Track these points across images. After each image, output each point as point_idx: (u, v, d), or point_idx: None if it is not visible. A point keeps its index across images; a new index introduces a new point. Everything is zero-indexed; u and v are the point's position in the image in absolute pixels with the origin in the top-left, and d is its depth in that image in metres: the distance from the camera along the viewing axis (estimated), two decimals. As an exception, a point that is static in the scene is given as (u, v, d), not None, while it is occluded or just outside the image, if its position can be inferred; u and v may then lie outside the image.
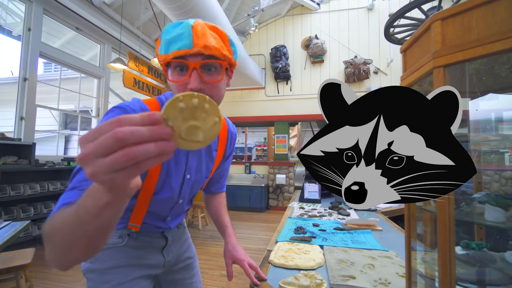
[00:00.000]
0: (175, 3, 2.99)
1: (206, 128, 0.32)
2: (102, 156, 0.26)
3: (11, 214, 3.12)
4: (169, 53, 0.56)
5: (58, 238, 0.38)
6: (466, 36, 0.45)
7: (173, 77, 0.58)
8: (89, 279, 0.72)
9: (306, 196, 2.21)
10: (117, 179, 0.27)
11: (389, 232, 1.35)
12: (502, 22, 0.41)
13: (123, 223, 0.74)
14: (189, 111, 0.31)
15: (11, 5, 4.59)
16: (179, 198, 0.77)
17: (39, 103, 3.86)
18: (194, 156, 0.75)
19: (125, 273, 0.73)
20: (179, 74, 0.58)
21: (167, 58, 0.56)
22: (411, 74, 0.58)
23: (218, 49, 0.57)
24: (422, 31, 0.53)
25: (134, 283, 0.74)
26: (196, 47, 0.55)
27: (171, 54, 0.56)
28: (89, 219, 0.34)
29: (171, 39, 0.56)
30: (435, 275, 0.53)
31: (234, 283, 2.45)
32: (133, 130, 0.27)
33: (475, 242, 0.61)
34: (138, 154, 0.27)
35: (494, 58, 0.49)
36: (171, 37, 0.56)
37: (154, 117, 0.28)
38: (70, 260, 0.39)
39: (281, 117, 6.09)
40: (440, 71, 0.48)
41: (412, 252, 0.61)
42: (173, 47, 0.56)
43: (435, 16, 0.49)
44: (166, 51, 0.57)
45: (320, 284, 0.73)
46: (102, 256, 0.72)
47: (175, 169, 0.71)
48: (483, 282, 0.50)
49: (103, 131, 0.27)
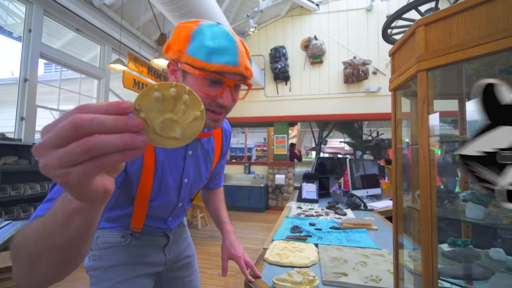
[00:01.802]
0: (175, 4, 3.02)
1: (184, 123, 0.28)
2: (57, 147, 0.23)
3: (11, 214, 3.15)
4: (212, 63, 0.52)
5: (24, 251, 0.33)
6: (447, 41, 0.47)
7: (204, 88, 0.55)
8: (92, 276, 0.75)
9: (304, 196, 2.23)
10: (71, 175, 0.23)
11: (384, 231, 1.37)
12: (480, 28, 0.43)
13: (125, 226, 0.76)
14: (166, 103, 0.26)
15: (12, 6, 4.61)
16: (179, 202, 0.77)
17: (40, 104, 3.88)
18: (192, 159, 0.74)
19: (128, 271, 0.75)
20: (210, 86, 0.55)
21: (208, 68, 0.53)
22: (398, 76, 0.60)
23: (251, 71, 0.58)
24: (408, 36, 0.56)
25: (136, 280, 0.76)
26: (240, 67, 0.55)
27: (214, 66, 0.52)
28: (57, 228, 0.30)
29: (216, 49, 0.53)
30: (422, 271, 0.55)
31: (232, 282, 2.47)
32: (93, 118, 0.23)
33: (461, 239, 0.63)
34: (95, 145, 0.22)
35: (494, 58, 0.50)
36: (215, 46, 0.53)
37: (123, 106, 0.24)
38: (40, 278, 0.34)
39: (281, 118, 6.12)
40: (424, 74, 0.50)
41: (400, 249, 0.63)
42: (218, 59, 0.53)
43: (419, 21, 0.51)
44: (207, 59, 0.53)
45: (312, 280, 0.75)
46: (105, 254, 0.74)
47: (171, 175, 0.69)
48: (466, 276, 0.52)
49: (63, 119, 0.23)
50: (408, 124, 0.65)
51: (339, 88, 5.90)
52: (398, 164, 0.63)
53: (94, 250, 0.75)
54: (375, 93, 5.66)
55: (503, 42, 0.40)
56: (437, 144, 0.59)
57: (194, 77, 0.55)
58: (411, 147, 0.60)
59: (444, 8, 0.48)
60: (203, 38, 0.54)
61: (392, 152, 0.64)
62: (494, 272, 0.49)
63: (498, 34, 0.41)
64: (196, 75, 0.54)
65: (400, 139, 0.63)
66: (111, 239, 0.75)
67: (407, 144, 0.64)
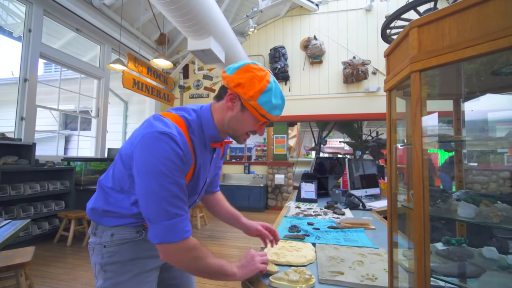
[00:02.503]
0: (175, 4, 3.02)
1: None
2: None
3: (11, 214, 3.15)
4: (271, 114, 0.74)
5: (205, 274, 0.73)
6: (440, 43, 0.48)
7: (256, 126, 0.78)
8: (108, 271, 0.77)
9: (303, 196, 2.24)
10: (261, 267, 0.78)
11: (382, 231, 1.37)
12: (472, 30, 0.44)
13: (141, 222, 0.78)
14: None
15: (12, 6, 4.62)
16: (198, 198, 0.89)
17: (39, 104, 3.89)
18: (213, 162, 0.88)
19: (143, 264, 0.80)
20: (257, 123, 0.77)
21: (269, 117, 0.75)
22: (392, 77, 0.61)
23: None
24: (402, 37, 0.56)
25: (150, 273, 0.82)
26: None
27: (271, 116, 0.74)
28: None
29: (277, 106, 0.74)
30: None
31: (232, 281, 2.48)
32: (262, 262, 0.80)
33: (455, 238, 0.63)
34: None
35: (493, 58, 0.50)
36: (277, 104, 0.74)
37: None
38: None
39: (280, 118, 6.11)
40: (417, 75, 0.50)
41: (395, 247, 0.63)
42: (274, 113, 0.74)
43: (413, 23, 0.52)
44: (269, 111, 0.73)
45: (308, 279, 0.76)
46: (121, 250, 0.77)
47: (203, 176, 0.83)
48: (458, 275, 0.53)
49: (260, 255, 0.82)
50: (404, 124, 0.66)
51: (339, 88, 5.91)
52: (393, 164, 0.64)
53: (109, 247, 0.77)
54: (374, 93, 5.67)
55: (493, 43, 0.41)
56: (436, 144, 0.60)
57: (252, 117, 0.75)
58: (405, 147, 0.60)
59: (437, 10, 0.49)
60: (271, 95, 0.73)
61: (387, 152, 0.65)
62: (486, 270, 0.49)
63: (488, 36, 0.41)
64: (256, 116, 0.75)
65: (395, 139, 0.64)
66: (127, 235, 0.78)
67: (403, 144, 0.64)
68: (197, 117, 0.78)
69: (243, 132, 0.78)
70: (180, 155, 0.67)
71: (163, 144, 0.65)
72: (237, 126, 0.77)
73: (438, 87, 0.72)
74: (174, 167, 0.66)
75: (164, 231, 0.65)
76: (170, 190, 0.65)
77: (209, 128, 0.79)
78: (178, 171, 0.67)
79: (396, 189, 0.63)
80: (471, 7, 0.44)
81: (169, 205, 0.65)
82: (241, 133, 0.79)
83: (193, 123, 0.76)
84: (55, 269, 2.68)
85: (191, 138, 0.74)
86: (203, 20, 3.41)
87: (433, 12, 0.49)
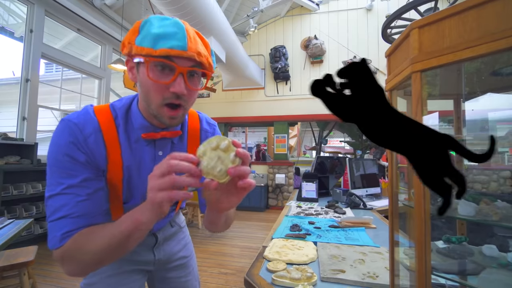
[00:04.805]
0: (175, 4, 3.03)
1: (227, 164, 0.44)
2: (158, 177, 0.43)
3: (13, 213, 3.17)
4: (156, 49, 0.51)
5: (90, 254, 0.53)
6: (440, 43, 0.49)
7: (153, 75, 0.54)
8: None
9: (304, 195, 2.25)
10: (159, 195, 0.42)
11: (383, 230, 1.38)
12: (471, 32, 0.45)
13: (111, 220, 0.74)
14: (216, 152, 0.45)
15: (13, 6, 4.63)
16: None
17: (41, 104, 3.90)
18: None
19: (116, 266, 0.75)
20: (160, 73, 0.54)
21: (153, 53, 0.52)
22: (393, 78, 0.61)
23: (207, 58, 0.57)
24: (403, 38, 0.57)
25: (124, 276, 0.76)
26: (190, 51, 0.53)
27: (158, 51, 0.51)
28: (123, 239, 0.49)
29: (161, 35, 0.52)
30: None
31: (232, 280, 2.49)
32: (178, 163, 0.43)
33: (456, 237, 0.64)
34: (176, 180, 0.42)
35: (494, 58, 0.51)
36: (160, 32, 0.52)
37: (192, 158, 0.44)
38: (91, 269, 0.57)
39: (281, 117, 6.13)
40: (417, 75, 0.51)
41: (396, 246, 0.64)
42: (163, 44, 0.51)
43: (413, 24, 0.53)
44: (152, 45, 0.52)
45: (310, 277, 0.76)
46: None
47: (140, 177, 0.68)
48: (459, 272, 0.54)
49: (163, 162, 0.44)
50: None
51: (339, 88, 5.90)
52: (394, 163, 0.64)
53: None
54: (375, 93, 5.66)
55: (492, 45, 0.42)
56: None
57: (144, 67, 0.54)
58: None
59: (437, 11, 0.49)
60: (150, 27, 0.53)
61: (388, 152, 0.65)
62: (486, 267, 0.50)
63: (487, 37, 0.42)
64: (147, 65, 0.53)
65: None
66: None
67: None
68: (127, 104, 0.65)
69: (157, 103, 0.56)
70: (71, 141, 0.55)
71: (57, 131, 0.57)
72: (146, 96, 0.57)
73: (439, 87, 0.73)
74: (62, 155, 0.55)
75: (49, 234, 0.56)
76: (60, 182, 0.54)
77: (136, 116, 0.63)
78: (70, 162, 0.55)
79: (397, 188, 0.63)
80: (470, 8, 0.45)
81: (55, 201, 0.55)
82: (156, 104, 0.56)
83: (119, 111, 0.63)
84: (58, 268, 2.70)
85: (117, 129, 0.62)
86: (203, 20, 3.42)
87: (433, 14, 0.50)
